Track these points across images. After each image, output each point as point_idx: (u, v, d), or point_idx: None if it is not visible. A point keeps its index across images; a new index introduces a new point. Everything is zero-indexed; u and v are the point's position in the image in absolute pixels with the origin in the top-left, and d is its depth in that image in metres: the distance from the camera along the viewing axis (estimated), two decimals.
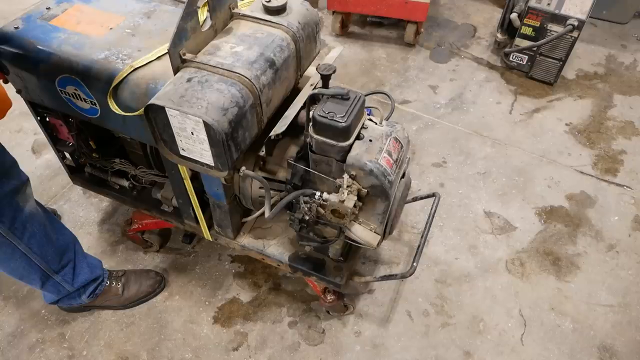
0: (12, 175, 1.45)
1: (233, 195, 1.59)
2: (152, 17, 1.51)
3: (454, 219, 2.26)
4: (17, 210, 1.45)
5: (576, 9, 2.59)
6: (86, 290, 1.79)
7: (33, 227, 1.52)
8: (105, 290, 1.86)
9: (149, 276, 1.96)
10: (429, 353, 1.84)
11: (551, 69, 2.82)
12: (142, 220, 1.95)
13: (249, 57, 1.33)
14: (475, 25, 3.35)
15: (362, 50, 3.13)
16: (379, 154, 1.33)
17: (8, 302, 1.95)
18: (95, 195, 2.24)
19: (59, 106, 1.51)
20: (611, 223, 2.26)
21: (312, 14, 1.52)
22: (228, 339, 1.86)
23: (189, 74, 1.27)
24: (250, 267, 2.06)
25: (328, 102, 1.30)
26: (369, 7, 2.95)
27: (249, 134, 1.33)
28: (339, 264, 1.65)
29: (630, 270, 2.10)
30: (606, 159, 2.53)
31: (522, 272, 2.08)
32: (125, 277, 1.92)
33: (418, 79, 2.95)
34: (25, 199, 1.49)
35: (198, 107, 1.19)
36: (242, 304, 1.96)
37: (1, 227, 1.42)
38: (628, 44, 3.23)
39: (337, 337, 1.87)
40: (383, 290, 2.00)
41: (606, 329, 1.92)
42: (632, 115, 2.77)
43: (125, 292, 1.89)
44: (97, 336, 1.86)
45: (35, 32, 1.43)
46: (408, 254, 2.11)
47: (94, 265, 1.80)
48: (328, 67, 1.34)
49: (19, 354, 1.82)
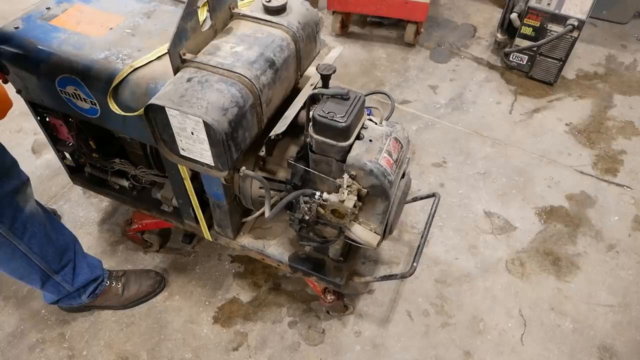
0: (13, 175, 1.44)
1: (233, 195, 1.59)
2: (152, 17, 1.51)
3: (454, 219, 2.26)
4: (17, 210, 1.45)
5: (576, 9, 2.59)
6: (86, 290, 1.79)
7: (33, 227, 1.52)
8: (105, 290, 1.86)
9: (149, 276, 1.96)
10: (429, 353, 1.84)
11: (551, 69, 2.82)
12: (142, 220, 1.95)
13: (249, 57, 1.33)
14: (475, 25, 3.35)
15: (362, 50, 3.13)
16: (379, 154, 1.33)
17: (8, 302, 1.95)
18: (95, 195, 2.24)
19: (59, 106, 1.51)
20: (611, 223, 2.26)
21: (312, 14, 1.52)
22: (228, 339, 1.86)
23: (189, 74, 1.27)
24: (250, 267, 2.06)
25: (328, 102, 1.30)
26: (369, 7, 2.95)
27: (249, 134, 1.33)
28: (339, 264, 1.65)
29: (630, 270, 2.10)
30: (606, 159, 2.53)
31: (522, 272, 2.08)
32: (125, 277, 1.92)
33: (418, 79, 2.95)
34: (25, 199, 1.49)
35: (198, 107, 1.19)
36: (242, 304, 1.96)
37: (1, 227, 1.42)
38: (628, 44, 3.23)
39: (337, 337, 1.87)
40: (383, 290, 2.00)
41: (606, 329, 1.92)
42: (632, 115, 2.77)
43: (125, 292, 1.89)
44: (97, 336, 1.86)
45: (35, 32, 1.43)
46: (408, 254, 2.11)
47: (94, 265, 1.80)
48: (328, 67, 1.34)
49: (19, 354, 1.82)
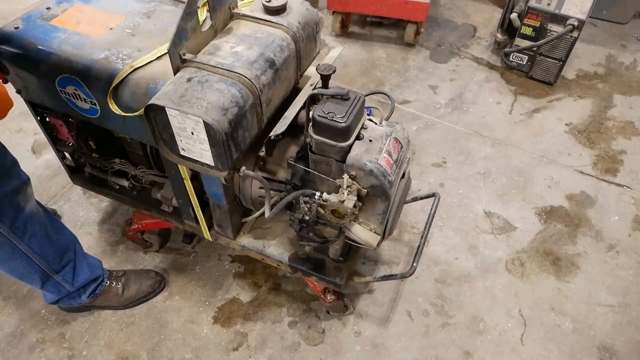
0: (13, 175, 1.45)
1: (233, 195, 1.59)
2: (152, 17, 1.51)
3: (454, 219, 2.26)
4: (18, 210, 1.45)
5: (576, 9, 2.59)
6: (86, 290, 1.79)
7: (34, 227, 1.52)
8: (105, 290, 1.86)
9: (149, 276, 1.96)
10: (429, 353, 1.84)
11: (551, 69, 2.82)
12: (142, 220, 1.95)
13: (249, 57, 1.33)
14: (475, 25, 3.35)
15: (362, 50, 3.13)
16: (379, 154, 1.33)
17: (8, 302, 1.95)
18: (95, 195, 2.24)
19: (59, 106, 1.51)
20: (611, 223, 2.26)
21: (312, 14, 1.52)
22: (228, 339, 1.86)
23: (189, 74, 1.27)
24: (250, 267, 2.06)
25: (328, 102, 1.30)
26: (369, 7, 2.95)
27: (249, 133, 1.33)
28: (339, 264, 1.65)
29: (630, 270, 2.10)
30: (606, 159, 2.53)
31: (522, 272, 2.08)
32: (125, 277, 1.92)
33: (418, 79, 2.95)
34: (26, 198, 1.49)
35: (198, 107, 1.19)
36: (242, 304, 1.96)
37: (2, 226, 1.42)
38: (628, 44, 3.23)
39: (337, 337, 1.87)
40: (383, 290, 2.00)
41: (606, 329, 1.92)
42: (632, 115, 2.76)
43: (125, 292, 1.89)
44: (97, 336, 1.86)
45: (35, 32, 1.42)
46: (408, 254, 2.11)
47: (94, 265, 1.80)
48: (328, 67, 1.34)
49: (19, 354, 1.82)
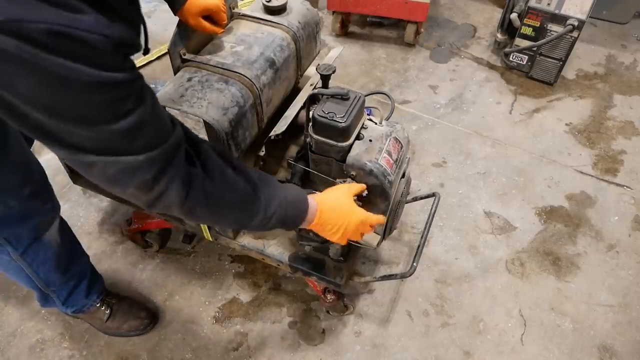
0: (46, 201, 1.43)
1: None
2: (152, 17, 1.51)
3: (454, 219, 2.26)
4: (35, 238, 1.41)
5: (576, 9, 2.59)
6: (73, 307, 1.75)
7: (46, 256, 1.48)
8: (92, 310, 1.79)
9: (139, 316, 1.85)
10: (429, 353, 1.84)
11: (551, 69, 2.82)
12: (142, 220, 1.95)
13: (249, 57, 1.33)
14: (475, 25, 3.35)
15: (362, 50, 3.13)
16: (379, 154, 1.33)
17: (8, 302, 1.95)
18: (95, 195, 2.24)
19: None
20: (611, 223, 2.26)
21: (312, 14, 1.52)
22: (228, 339, 1.86)
23: (189, 73, 1.27)
24: (250, 267, 2.06)
25: (328, 102, 1.30)
26: (369, 7, 2.95)
27: (249, 133, 1.33)
28: (339, 264, 1.65)
29: (630, 270, 2.10)
30: (606, 159, 2.53)
31: (522, 272, 2.08)
32: (117, 305, 1.83)
33: (418, 79, 2.95)
34: (46, 227, 1.45)
35: (198, 107, 1.19)
36: (242, 304, 1.96)
37: (13, 252, 1.38)
38: (628, 44, 3.23)
39: (337, 337, 1.87)
40: (383, 290, 2.00)
41: (606, 329, 1.92)
42: (632, 115, 2.76)
43: (108, 321, 1.81)
44: (97, 336, 1.86)
45: None
46: (408, 254, 2.11)
47: (92, 293, 1.76)
48: (328, 67, 1.34)
49: (19, 354, 1.82)
